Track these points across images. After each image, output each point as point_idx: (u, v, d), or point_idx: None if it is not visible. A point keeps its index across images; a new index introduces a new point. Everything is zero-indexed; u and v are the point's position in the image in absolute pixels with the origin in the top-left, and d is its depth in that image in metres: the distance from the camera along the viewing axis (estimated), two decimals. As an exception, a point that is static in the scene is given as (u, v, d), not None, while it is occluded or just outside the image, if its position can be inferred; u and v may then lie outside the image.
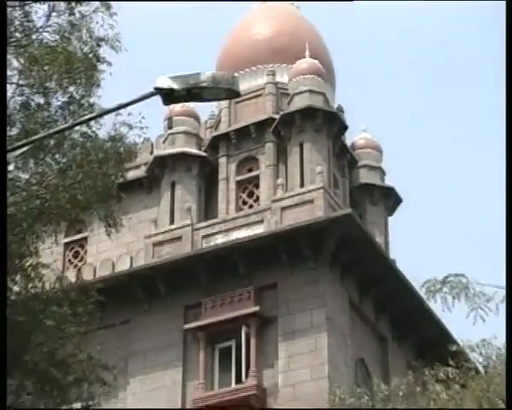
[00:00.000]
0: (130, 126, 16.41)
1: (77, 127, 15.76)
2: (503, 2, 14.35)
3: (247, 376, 30.84)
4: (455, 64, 79.90)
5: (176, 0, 49.99)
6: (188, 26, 62.67)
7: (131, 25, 19.62)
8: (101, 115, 15.59)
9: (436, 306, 12.96)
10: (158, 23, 66.29)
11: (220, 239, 33.28)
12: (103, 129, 16.17)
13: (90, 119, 15.77)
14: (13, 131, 15.91)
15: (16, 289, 16.43)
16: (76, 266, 33.95)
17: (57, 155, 16.06)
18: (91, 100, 16.12)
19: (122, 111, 14.86)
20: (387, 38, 72.62)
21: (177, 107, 33.30)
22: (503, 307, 12.19)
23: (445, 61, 79.88)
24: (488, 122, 78.86)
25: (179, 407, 31.29)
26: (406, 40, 79.46)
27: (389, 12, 62.55)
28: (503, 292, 11.72)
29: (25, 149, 15.76)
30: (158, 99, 12.41)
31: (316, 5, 39.66)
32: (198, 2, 53.64)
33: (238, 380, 31.04)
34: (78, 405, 26.67)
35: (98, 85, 16.47)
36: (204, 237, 33.83)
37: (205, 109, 36.62)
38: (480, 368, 22.23)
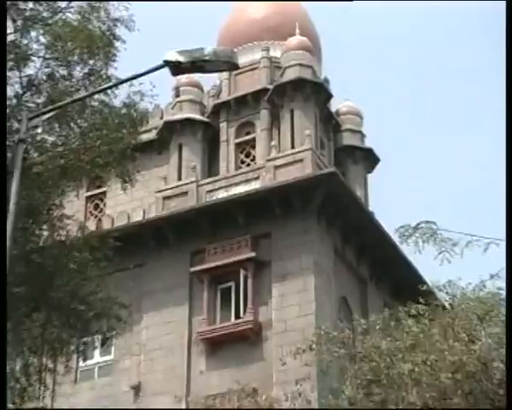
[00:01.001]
0: (143, 95, 16.45)
1: (96, 96, 15.82)
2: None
3: (244, 312, 31.02)
4: (435, 35, 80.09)
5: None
6: (192, 8, 62.42)
7: (143, 8, 19.72)
8: (117, 85, 15.65)
9: (409, 249, 13.01)
10: (166, 6, 65.94)
11: (221, 194, 33.40)
12: (119, 97, 16.24)
13: (108, 88, 15.86)
14: (40, 100, 15.94)
15: (44, 236, 16.44)
16: (96, 217, 34.08)
17: (79, 121, 16.09)
18: (108, 72, 16.16)
19: (135, 81, 14.92)
20: (373, 12, 72.23)
21: (184, 78, 33.42)
22: (467, 252, 12.20)
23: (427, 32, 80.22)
24: (463, 88, 79.08)
25: (186, 339, 31.52)
26: (390, 13, 78.81)
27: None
28: (467, 238, 11.75)
29: (50, 114, 15.76)
30: (166, 71, 12.53)
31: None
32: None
33: (237, 316, 31.23)
34: (98, 337, 27.05)
35: (114, 59, 16.48)
36: (207, 192, 33.96)
37: (208, 80, 36.64)
38: (447, 305, 22.43)
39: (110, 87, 15.73)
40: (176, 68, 12.52)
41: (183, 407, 30.40)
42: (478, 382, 18.50)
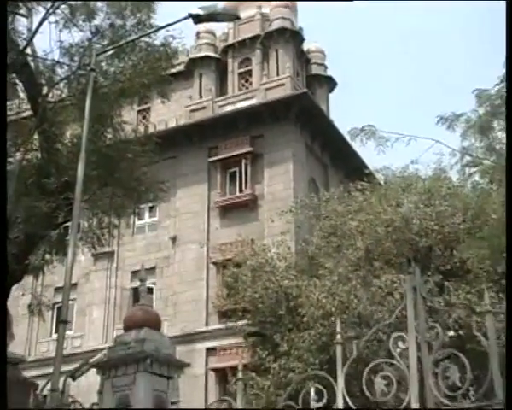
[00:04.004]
0: (174, 38, 16.21)
1: (142, 38, 15.63)
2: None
3: (245, 188, 31.20)
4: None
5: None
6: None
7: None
8: (156, 31, 15.40)
9: (357, 144, 12.95)
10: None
11: (229, 108, 33.19)
12: (158, 39, 16.01)
13: (150, 33, 15.62)
14: (104, 42, 15.72)
15: (109, 136, 16.33)
16: (144, 124, 33.93)
17: (131, 56, 15.90)
18: (151, 21, 15.88)
19: (170, 28, 14.75)
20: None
21: (202, 27, 32.96)
22: (396, 145, 12.07)
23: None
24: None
25: (206, 206, 31.75)
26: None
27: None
28: (396, 136, 11.64)
29: (111, 52, 15.67)
30: (191, 22, 12.39)
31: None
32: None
33: (240, 190, 31.30)
34: (148, 204, 27.28)
35: (154, 13, 16.18)
36: (219, 106, 33.74)
37: (219, 29, 36.12)
38: (382, 182, 22.56)
39: (152, 32, 15.51)
40: (197, 19, 12.41)
41: (204, 250, 30.84)
42: (402, 232, 18.69)
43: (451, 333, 14.75)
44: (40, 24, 15.22)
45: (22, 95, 16.96)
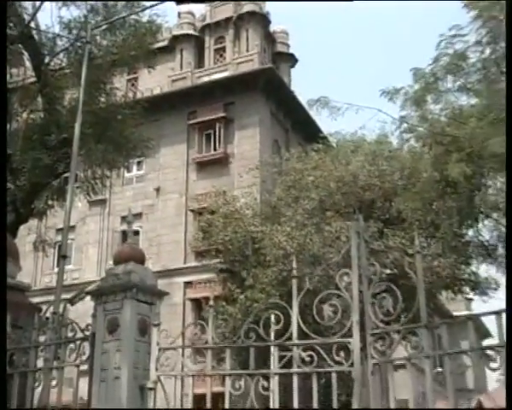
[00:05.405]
0: (159, 16, 15.92)
1: (131, 16, 15.32)
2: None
3: (219, 147, 31.04)
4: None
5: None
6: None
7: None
8: (143, 10, 15.13)
9: (313, 112, 12.86)
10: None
11: (206, 78, 32.84)
12: (145, 17, 15.69)
13: (138, 11, 15.37)
14: (98, 18, 15.39)
15: (103, 100, 16.06)
16: (133, 91, 33.42)
17: (122, 31, 15.60)
18: (139, 2, 15.55)
19: (155, 8, 14.53)
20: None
21: (183, 8, 32.58)
22: (346, 113, 12.01)
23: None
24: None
25: (185, 162, 31.55)
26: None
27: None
28: (346, 105, 11.60)
29: (104, 27, 15.38)
30: (173, 3, 12.15)
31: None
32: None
33: (214, 149, 31.15)
34: (135, 160, 27.01)
35: None
36: (197, 77, 33.33)
37: (198, 10, 35.56)
38: (334, 145, 22.59)
39: (140, 11, 15.20)
40: (179, 0, 12.18)
41: (183, 199, 30.77)
42: (350, 187, 18.83)
43: (388, 271, 14.99)
44: (42, 2, 14.88)
45: (27, 63, 16.59)
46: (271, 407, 5.60)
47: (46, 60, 15.40)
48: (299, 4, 72.77)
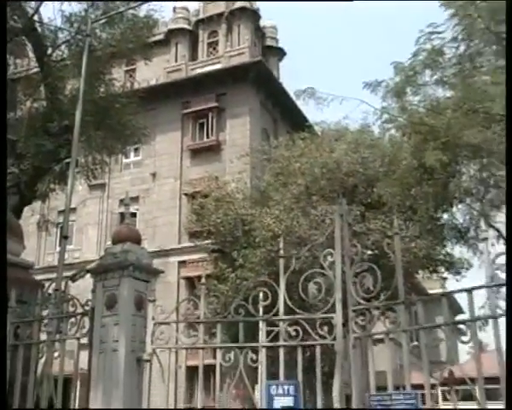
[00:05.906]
0: (155, 11, 15.83)
1: (129, 10, 15.19)
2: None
3: (211, 135, 30.93)
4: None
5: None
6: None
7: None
8: (141, 4, 15.04)
9: (300, 102, 12.79)
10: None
11: (199, 70, 32.66)
12: (142, 12, 15.57)
13: (136, 6, 15.25)
14: (98, 12, 15.26)
15: (102, 90, 15.97)
16: (130, 81, 33.12)
17: (120, 25, 15.48)
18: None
19: (152, 3, 14.43)
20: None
21: (178, 3, 32.28)
22: (331, 104, 11.92)
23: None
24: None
25: (180, 149, 31.43)
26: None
27: None
28: (331, 96, 11.57)
29: (104, 21, 15.23)
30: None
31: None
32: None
33: (207, 137, 31.05)
34: (133, 146, 26.80)
35: None
36: (191, 69, 33.13)
37: (192, 6, 35.22)
38: (319, 133, 22.49)
39: (137, 6, 15.09)
40: (175, -4, 12.07)
41: (178, 184, 30.70)
42: (334, 173, 18.84)
43: (369, 252, 15.05)
44: (45, -1, 14.73)
45: (31, 55, 16.44)
46: (259, 377, 5.65)
47: (49, 51, 15.30)
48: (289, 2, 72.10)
